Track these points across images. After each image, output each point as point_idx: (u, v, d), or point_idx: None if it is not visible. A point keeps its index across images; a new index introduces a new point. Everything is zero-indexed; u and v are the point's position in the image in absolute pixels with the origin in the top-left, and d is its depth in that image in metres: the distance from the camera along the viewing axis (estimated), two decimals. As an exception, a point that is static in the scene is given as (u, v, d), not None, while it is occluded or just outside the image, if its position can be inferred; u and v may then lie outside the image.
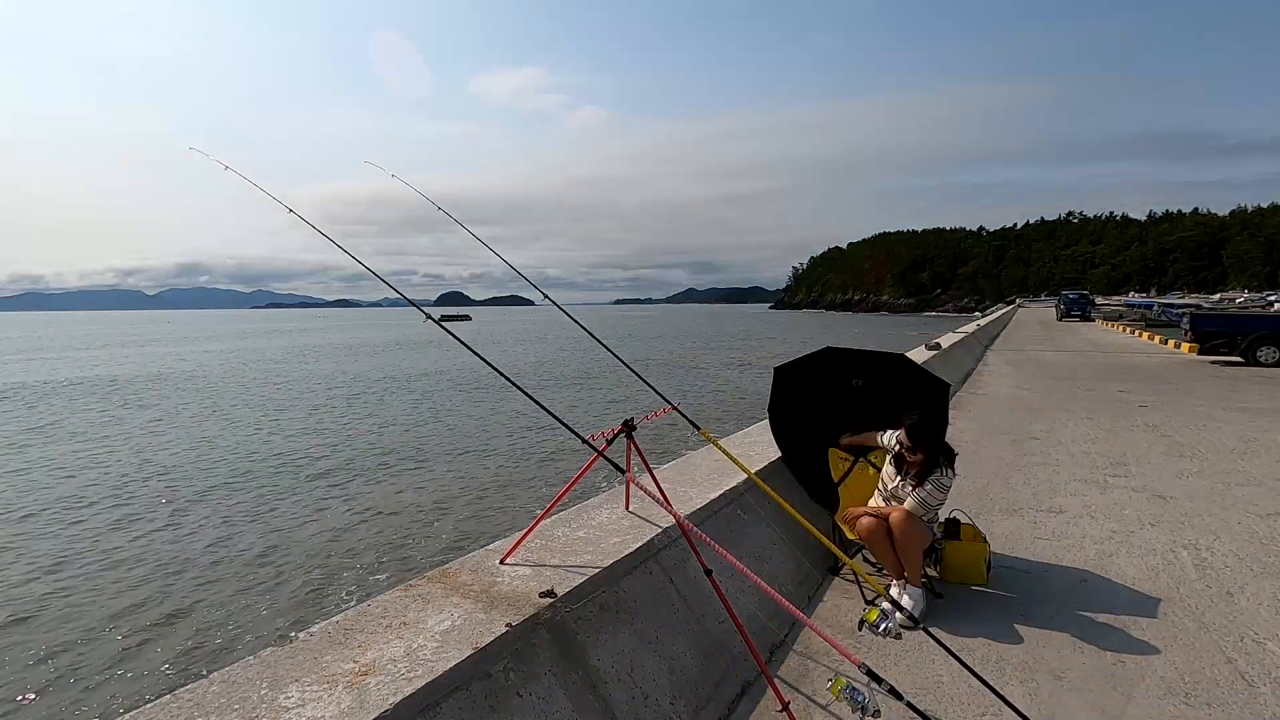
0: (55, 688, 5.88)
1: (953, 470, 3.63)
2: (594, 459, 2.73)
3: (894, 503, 3.69)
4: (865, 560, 4.10)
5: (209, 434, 17.49)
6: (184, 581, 8.03)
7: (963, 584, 3.85)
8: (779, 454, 4.59)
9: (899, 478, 3.72)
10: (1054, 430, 8.35)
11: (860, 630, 3.25)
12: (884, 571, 3.74)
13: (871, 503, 3.89)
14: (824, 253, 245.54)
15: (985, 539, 4.02)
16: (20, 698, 5.73)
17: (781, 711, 2.38)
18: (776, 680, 2.70)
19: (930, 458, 3.58)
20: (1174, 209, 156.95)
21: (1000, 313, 51.38)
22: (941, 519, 3.95)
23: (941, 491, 3.58)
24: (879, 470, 4.00)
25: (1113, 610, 3.54)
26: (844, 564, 3.74)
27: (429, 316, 2.95)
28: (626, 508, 3.46)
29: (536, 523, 2.99)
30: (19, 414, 21.14)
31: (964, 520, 4.07)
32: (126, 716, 1.70)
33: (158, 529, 9.98)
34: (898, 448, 3.70)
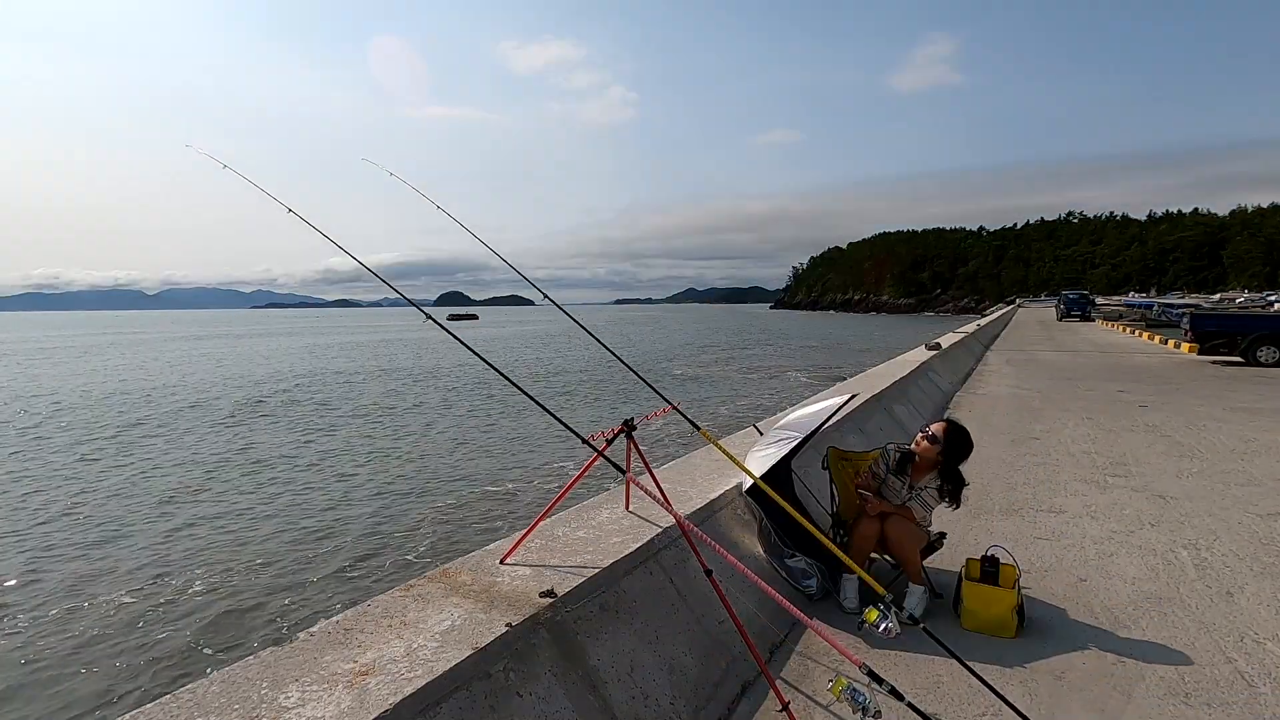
0: (53, 687, 5.88)
1: (949, 484, 3.63)
2: (594, 459, 2.72)
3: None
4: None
5: (208, 434, 17.51)
6: (179, 582, 8.03)
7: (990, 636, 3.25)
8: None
9: (895, 480, 3.73)
10: (1054, 430, 8.35)
11: (860, 630, 3.25)
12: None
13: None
14: (824, 253, 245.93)
15: (1019, 585, 3.34)
16: (17, 698, 5.73)
17: (781, 711, 2.38)
18: (776, 680, 2.70)
19: (946, 463, 3.59)
20: (1174, 209, 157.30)
21: (1000, 313, 51.39)
22: (941, 518, 3.95)
23: (939, 494, 3.60)
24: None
25: (1113, 610, 3.54)
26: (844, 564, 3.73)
27: (429, 316, 2.86)
28: (626, 508, 3.46)
29: (536, 523, 2.99)
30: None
31: (1005, 560, 3.42)
32: (127, 717, 1.70)
33: (151, 528, 9.98)
34: (898, 455, 3.70)
